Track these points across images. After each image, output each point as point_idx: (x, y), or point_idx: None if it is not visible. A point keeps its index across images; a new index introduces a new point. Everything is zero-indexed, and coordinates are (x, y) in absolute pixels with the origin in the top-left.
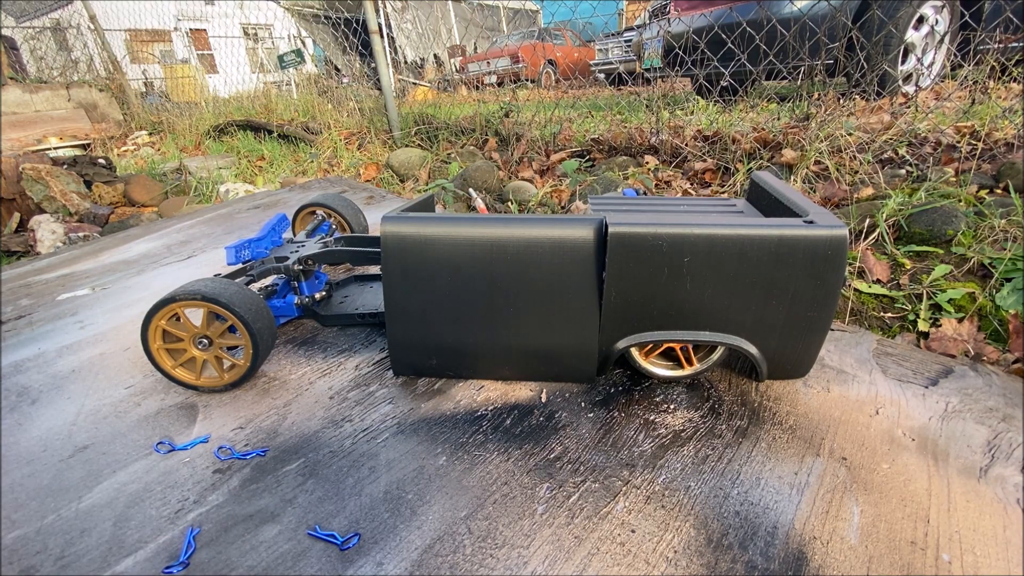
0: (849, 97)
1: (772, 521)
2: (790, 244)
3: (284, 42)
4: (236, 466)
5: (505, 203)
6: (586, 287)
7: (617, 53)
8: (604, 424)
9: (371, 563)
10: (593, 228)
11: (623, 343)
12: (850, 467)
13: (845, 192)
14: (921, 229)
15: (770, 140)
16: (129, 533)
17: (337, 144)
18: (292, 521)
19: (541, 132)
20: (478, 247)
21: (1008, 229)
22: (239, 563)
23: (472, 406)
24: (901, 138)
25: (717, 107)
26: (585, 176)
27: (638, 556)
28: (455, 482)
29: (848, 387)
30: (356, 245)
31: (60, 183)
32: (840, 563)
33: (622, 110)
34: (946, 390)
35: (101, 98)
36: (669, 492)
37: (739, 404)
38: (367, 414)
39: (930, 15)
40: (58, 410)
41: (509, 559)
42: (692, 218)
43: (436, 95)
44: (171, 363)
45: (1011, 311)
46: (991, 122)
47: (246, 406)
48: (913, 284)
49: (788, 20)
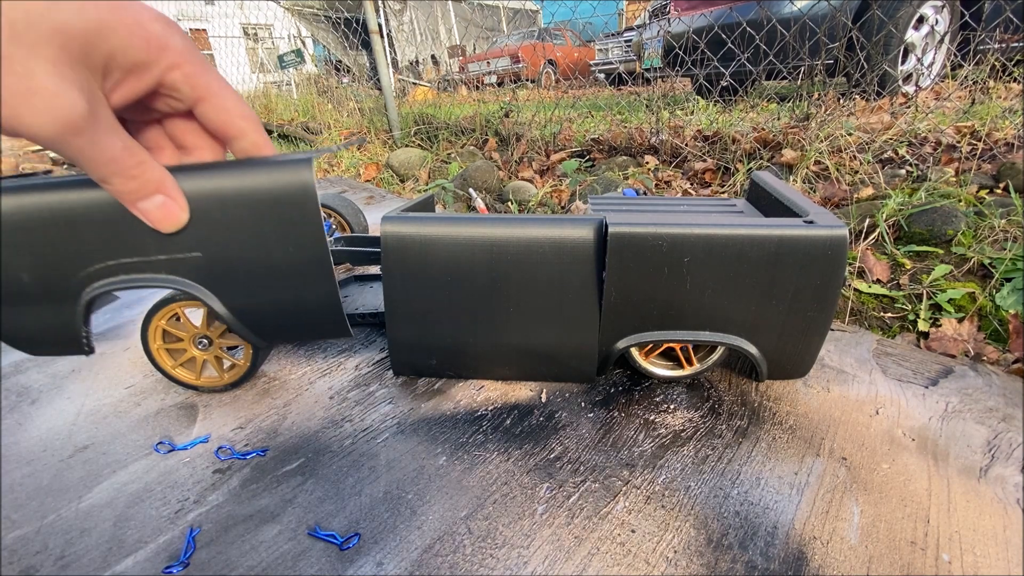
0: (849, 97)
1: (772, 521)
2: (790, 244)
3: (284, 42)
4: (236, 466)
5: (505, 203)
6: (586, 287)
7: (617, 53)
8: (604, 424)
9: (371, 563)
10: (593, 228)
11: (623, 343)
12: (850, 467)
13: (845, 192)
14: (921, 229)
15: (770, 140)
16: (129, 533)
17: (337, 144)
18: (292, 521)
19: (541, 132)
20: (478, 247)
21: (1008, 229)
22: (239, 563)
23: (472, 406)
24: (901, 138)
25: (717, 107)
26: (585, 176)
27: (638, 556)
28: (455, 482)
29: (848, 387)
30: (356, 245)
31: None
32: (840, 563)
33: (622, 110)
34: (946, 390)
35: None
36: (669, 492)
37: (739, 404)
38: (367, 414)
39: (930, 15)
40: (58, 410)
41: (509, 559)
42: (692, 218)
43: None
44: (171, 363)
45: (1011, 311)
46: (991, 122)
47: (246, 406)
48: (913, 284)
49: (788, 20)
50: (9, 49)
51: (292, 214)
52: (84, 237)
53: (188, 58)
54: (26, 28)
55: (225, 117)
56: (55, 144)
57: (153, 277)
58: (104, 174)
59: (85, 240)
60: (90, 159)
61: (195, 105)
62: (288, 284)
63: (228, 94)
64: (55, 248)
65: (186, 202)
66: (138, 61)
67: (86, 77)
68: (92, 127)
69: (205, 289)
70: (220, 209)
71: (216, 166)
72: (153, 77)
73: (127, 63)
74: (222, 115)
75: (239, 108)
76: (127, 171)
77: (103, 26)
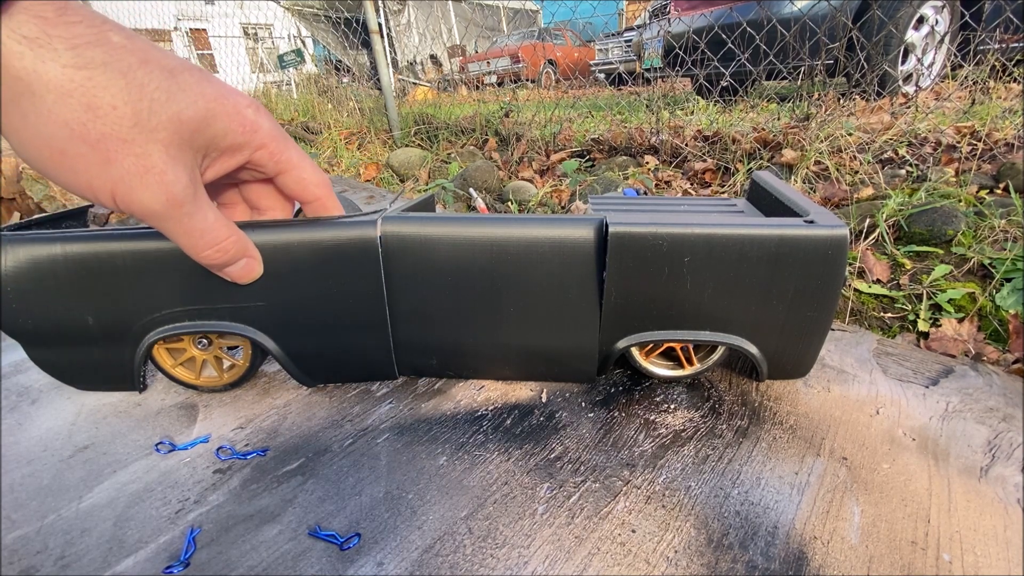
0: (849, 97)
1: (772, 521)
2: (790, 244)
3: (284, 42)
4: (236, 466)
5: (505, 203)
6: (586, 287)
7: (617, 53)
8: (604, 424)
9: (371, 563)
10: (593, 228)
11: (623, 343)
12: (851, 467)
13: (845, 192)
14: (921, 229)
15: (770, 140)
16: (129, 533)
17: (337, 144)
18: (292, 521)
19: (541, 132)
20: (478, 247)
21: (1008, 229)
22: (239, 563)
23: (472, 406)
24: (901, 138)
25: (717, 107)
26: (585, 176)
27: (638, 556)
28: (455, 482)
29: (848, 387)
30: None
31: None
32: (840, 563)
33: (622, 110)
34: (946, 390)
35: None
36: (669, 492)
37: (739, 404)
38: (367, 414)
39: (930, 15)
40: (58, 410)
41: (509, 559)
42: (692, 218)
43: (436, 95)
44: (171, 362)
45: (1011, 311)
46: (991, 122)
47: (246, 406)
48: (913, 284)
49: (788, 20)
50: (131, 134)
51: (353, 267)
52: (151, 284)
53: (274, 137)
54: (149, 116)
55: (302, 186)
56: (158, 219)
57: (216, 324)
58: (198, 245)
59: (152, 287)
60: (187, 231)
61: (276, 177)
62: (344, 331)
63: (306, 166)
64: (122, 294)
65: (261, 258)
66: (234, 144)
67: (191, 158)
68: (192, 203)
69: (265, 335)
70: (287, 262)
71: (285, 223)
72: (244, 156)
73: (224, 145)
74: (300, 184)
75: (315, 177)
76: (218, 243)
77: (209, 114)
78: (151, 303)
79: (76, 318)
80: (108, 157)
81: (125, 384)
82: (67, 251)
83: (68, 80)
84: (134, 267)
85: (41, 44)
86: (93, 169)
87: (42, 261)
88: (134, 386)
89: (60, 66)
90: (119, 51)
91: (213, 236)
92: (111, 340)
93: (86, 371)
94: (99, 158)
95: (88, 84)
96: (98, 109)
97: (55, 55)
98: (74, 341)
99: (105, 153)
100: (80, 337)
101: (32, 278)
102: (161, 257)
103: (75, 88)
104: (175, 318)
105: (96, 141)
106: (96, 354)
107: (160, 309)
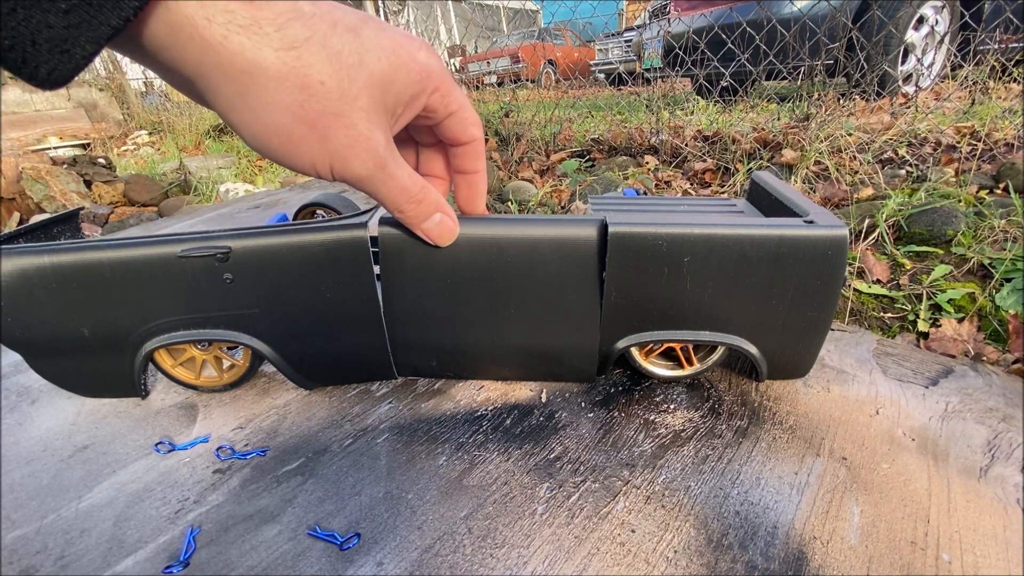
0: (849, 97)
1: (772, 521)
2: (790, 244)
3: None
4: (236, 466)
5: (505, 203)
6: (586, 287)
7: (617, 53)
8: (604, 424)
9: (371, 563)
10: (593, 228)
11: (623, 343)
12: (850, 467)
13: (845, 192)
14: (921, 229)
15: (770, 140)
16: (129, 533)
17: None
18: (292, 521)
19: (541, 132)
20: (478, 247)
21: (1008, 229)
22: (239, 563)
23: (472, 406)
24: (901, 138)
25: (717, 107)
26: (585, 176)
27: (638, 556)
28: (455, 482)
29: (848, 387)
30: None
31: (60, 183)
32: (840, 563)
33: (622, 110)
34: (946, 390)
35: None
36: (669, 492)
37: (739, 404)
38: (367, 414)
39: (930, 15)
40: (58, 410)
41: (509, 559)
42: (692, 218)
43: None
44: (170, 362)
45: (1011, 311)
46: (991, 122)
47: (246, 406)
48: (913, 284)
49: (788, 20)
50: (339, 106)
51: (345, 270)
52: (142, 294)
53: (444, 78)
54: (349, 85)
55: (464, 127)
56: (365, 182)
57: (212, 332)
58: (399, 202)
59: (144, 297)
60: (389, 190)
61: (444, 120)
62: (339, 333)
63: (467, 104)
64: (113, 304)
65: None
66: (414, 93)
67: (384, 118)
68: (392, 161)
69: (261, 342)
70: (278, 267)
71: (275, 229)
72: (421, 104)
73: (407, 97)
74: (462, 125)
75: (474, 116)
76: (414, 196)
77: (391, 69)
78: (145, 313)
79: (71, 329)
80: (325, 134)
81: (127, 391)
82: (55, 263)
83: (282, 63)
84: (123, 277)
85: (255, 31)
86: (315, 147)
87: (31, 274)
88: (136, 392)
89: (273, 50)
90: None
91: (410, 191)
92: (108, 350)
93: (87, 379)
94: (318, 136)
95: (298, 64)
96: (310, 88)
97: (268, 40)
98: (72, 352)
99: (323, 130)
100: (77, 348)
101: (23, 291)
102: (149, 266)
103: (288, 71)
104: (171, 327)
105: (314, 120)
106: (95, 363)
107: (155, 318)
